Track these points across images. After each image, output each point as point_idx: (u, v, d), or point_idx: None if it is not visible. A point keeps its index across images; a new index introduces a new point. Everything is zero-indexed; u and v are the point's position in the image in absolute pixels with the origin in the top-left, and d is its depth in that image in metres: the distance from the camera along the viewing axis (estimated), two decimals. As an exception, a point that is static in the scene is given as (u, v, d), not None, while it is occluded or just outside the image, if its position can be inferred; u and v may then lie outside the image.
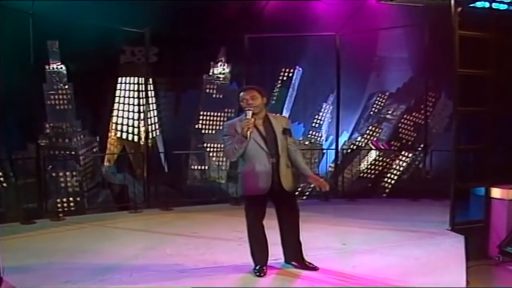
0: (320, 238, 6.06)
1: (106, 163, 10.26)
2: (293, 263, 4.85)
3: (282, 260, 4.89)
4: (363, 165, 10.50)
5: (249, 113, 4.37)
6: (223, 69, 10.93)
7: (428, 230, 6.42)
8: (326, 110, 11.39)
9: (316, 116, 11.48)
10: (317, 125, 11.50)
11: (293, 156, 4.61)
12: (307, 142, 11.02)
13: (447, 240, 5.94)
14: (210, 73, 10.96)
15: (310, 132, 11.43)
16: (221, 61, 10.87)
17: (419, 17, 9.19)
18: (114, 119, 10.47)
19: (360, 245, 5.81)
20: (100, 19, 8.33)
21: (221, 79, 10.92)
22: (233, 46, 10.41)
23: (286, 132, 4.57)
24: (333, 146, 10.30)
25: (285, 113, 11.18)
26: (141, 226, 7.02)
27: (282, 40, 10.17)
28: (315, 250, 5.31)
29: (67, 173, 8.39)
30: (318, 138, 11.45)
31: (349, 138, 11.11)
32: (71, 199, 8.32)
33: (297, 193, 5.57)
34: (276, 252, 4.83)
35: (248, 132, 4.32)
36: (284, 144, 4.53)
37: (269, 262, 4.73)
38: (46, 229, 6.75)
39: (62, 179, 8.26)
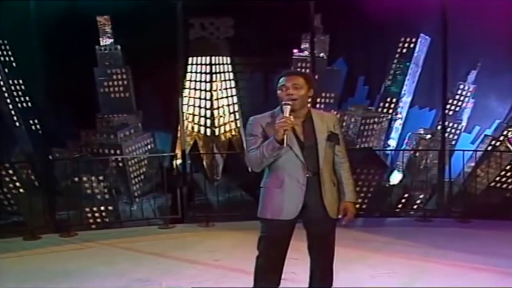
0: (366, 279, 5.01)
1: (178, 160, 9.55)
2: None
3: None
4: (496, 171, 8.37)
5: (287, 109, 3.55)
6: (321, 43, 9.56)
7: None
8: (465, 93, 9.48)
9: (450, 101, 9.60)
10: (451, 112, 9.63)
11: (338, 169, 3.84)
12: (428, 136, 9.13)
13: None
14: (302, 48, 9.67)
15: (439, 122, 9.57)
16: (316, 32, 9.49)
17: None
18: (185, 108, 9.73)
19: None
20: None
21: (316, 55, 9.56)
22: (332, 13, 9.05)
23: (333, 138, 3.76)
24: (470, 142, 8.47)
25: (407, 97, 9.55)
26: (159, 247, 6.33)
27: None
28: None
29: (93, 178, 7.74)
30: (454, 130, 9.55)
31: (495, 130, 9.07)
32: (102, 208, 7.73)
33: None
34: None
35: (285, 136, 3.52)
36: (328, 154, 3.76)
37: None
38: (45, 247, 6.37)
39: (87, 185, 7.61)
